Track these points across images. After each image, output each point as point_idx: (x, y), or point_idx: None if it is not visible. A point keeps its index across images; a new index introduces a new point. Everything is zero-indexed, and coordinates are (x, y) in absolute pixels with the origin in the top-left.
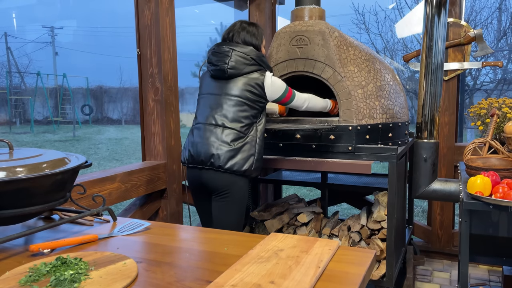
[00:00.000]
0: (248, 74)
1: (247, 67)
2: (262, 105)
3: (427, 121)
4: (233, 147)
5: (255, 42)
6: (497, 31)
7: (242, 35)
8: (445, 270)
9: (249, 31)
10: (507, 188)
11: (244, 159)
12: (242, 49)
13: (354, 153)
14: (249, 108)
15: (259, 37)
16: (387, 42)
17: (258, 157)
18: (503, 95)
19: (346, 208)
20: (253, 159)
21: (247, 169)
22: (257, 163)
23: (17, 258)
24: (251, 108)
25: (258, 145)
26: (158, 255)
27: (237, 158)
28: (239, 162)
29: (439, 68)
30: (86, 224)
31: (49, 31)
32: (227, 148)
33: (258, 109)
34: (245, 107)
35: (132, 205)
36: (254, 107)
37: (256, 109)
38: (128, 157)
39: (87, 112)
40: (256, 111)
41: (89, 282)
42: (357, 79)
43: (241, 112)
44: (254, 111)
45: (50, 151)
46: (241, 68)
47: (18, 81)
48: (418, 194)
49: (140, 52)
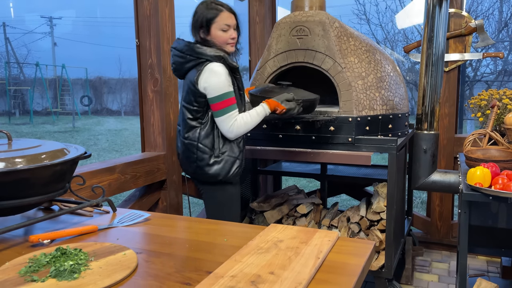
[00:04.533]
0: (189, 72)
1: (185, 66)
2: (202, 102)
3: (427, 112)
4: (179, 152)
5: (192, 31)
6: (498, 22)
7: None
8: (443, 261)
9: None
10: (507, 180)
11: (188, 164)
12: (178, 45)
13: (354, 144)
14: (187, 112)
15: (195, 22)
16: (387, 33)
17: (202, 164)
18: (503, 86)
19: (345, 199)
20: (195, 166)
21: (193, 174)
22: (205, 168)
23: (17, 249)
24: (189, 111)
25: (199, 151)
26: (158, 245)
27: (184, 163)
28: (186, 167)
29: (440, 59)
30: (85, 215)
31: (48, 21)
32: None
33: (199, 110)
34: (185, 111)
35: (131, 196)
36: (194, 109)
37: (195, 111)
38: (128, 148)
39: (87, 103)
40: (197, 113)
41: (89, 273)
42: (358, 70)
43: (186, 116)
44: (197, 114)
45: (49, 142)
46: (180, 68)
47: (17, 72)
48: (418, 186)
49: (139, 42)
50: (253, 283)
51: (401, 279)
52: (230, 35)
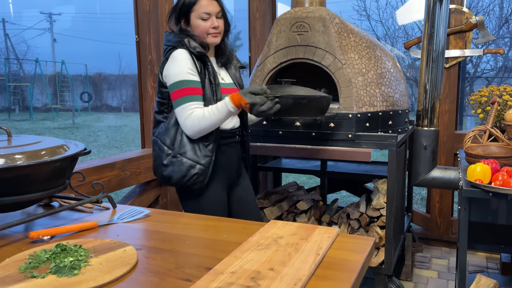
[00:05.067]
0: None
1: (164, 57)
2: (165, 93)
3: (427, 108)
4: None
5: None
6: (499, 18)
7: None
8: (443, 257)
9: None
10: (507, 176)
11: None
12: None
13: (354, 140)
14: (156, 105)
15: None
16: (388, 29)
17: (158, 162)
18: (503, 82)
19: (345, 196)
20: (154, 165)
21: (157, 177)
22: (160, 168)
23: (17, 245)
24: (156, 104)
25: (158, 148)
26: (158, 242)
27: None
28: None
29: (440, 55)
30: (85, 211)
31: (47, 17)
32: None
33: (163, 102)
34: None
35: (131, 193)
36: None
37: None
38: (128, 144)
39: (86, 100)
40: (162, 106)
41: (89, 269)
42: (358, 67)
43: (155, 109)
44: (161, 107)
45: (49, 138)
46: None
47: (16, 68)
48: (418, 182)
49: (139, 38)
50: (253, 279)
51: (400, 275)
52: (212, 24)
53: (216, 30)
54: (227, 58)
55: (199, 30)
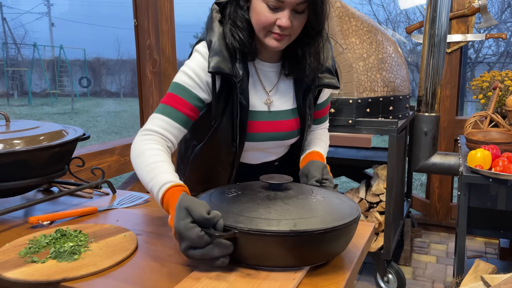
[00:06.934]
0: None
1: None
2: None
3: (428, 94)
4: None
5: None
6: (501, 2)
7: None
8: (442, 242)
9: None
10: (507, 162)
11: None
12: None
13: (354, 126)
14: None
15: None
16: (389, 14)
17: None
18: (505, 68)
19: (345, 182)
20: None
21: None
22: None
23: (17, 230)
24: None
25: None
26: (158, 227)
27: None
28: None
29: (442, 40)
30: (85, 196)
31: (45, 1)
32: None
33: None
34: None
35: (131, 178)
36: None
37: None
38: (127, 130)
39: (85, 85)
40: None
41: (88, 254)
42: (359, 51)
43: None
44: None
45: (48, 124)
46: None
47: (14, 53)
48: (418, 168)
49: (137, 22)
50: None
51: (399, 260)
52: (279, 19)
53: (282, 31)
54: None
55: (256, 19)
